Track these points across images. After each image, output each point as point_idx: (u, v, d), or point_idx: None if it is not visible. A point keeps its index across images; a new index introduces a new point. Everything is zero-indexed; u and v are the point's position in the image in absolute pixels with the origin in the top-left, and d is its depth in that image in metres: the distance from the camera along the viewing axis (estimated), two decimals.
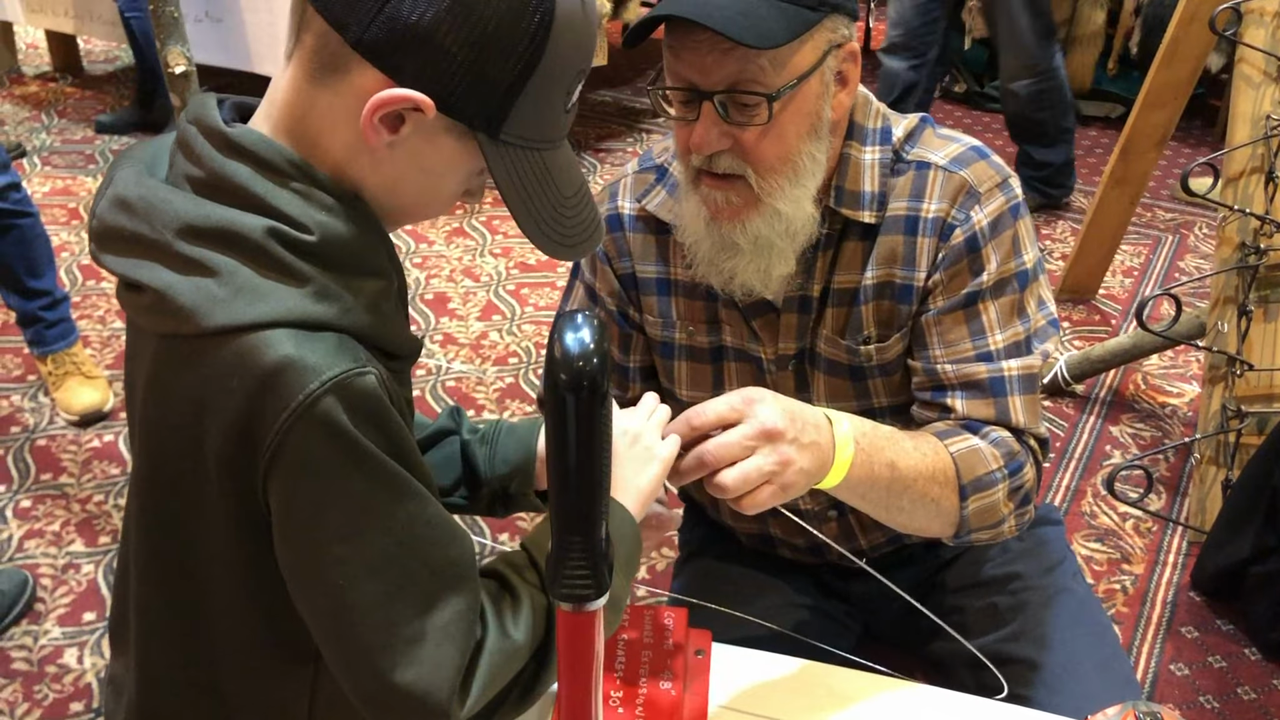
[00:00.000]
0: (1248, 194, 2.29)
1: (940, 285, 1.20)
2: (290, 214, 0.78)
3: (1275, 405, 2.35)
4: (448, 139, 0.81)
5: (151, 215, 0.79)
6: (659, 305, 1.31)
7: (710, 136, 1.10)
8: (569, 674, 0.56)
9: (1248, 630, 2.20)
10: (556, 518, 0.51)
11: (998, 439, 1.19)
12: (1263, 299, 2.31)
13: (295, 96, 0.81)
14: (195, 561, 0.84)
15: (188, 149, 0.81)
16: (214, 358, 0.77)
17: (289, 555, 0.81)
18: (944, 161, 1.20)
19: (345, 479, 0.77)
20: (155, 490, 0.85)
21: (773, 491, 0.99)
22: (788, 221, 1.15)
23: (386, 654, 0.80)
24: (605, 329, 0.48)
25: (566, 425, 0.47)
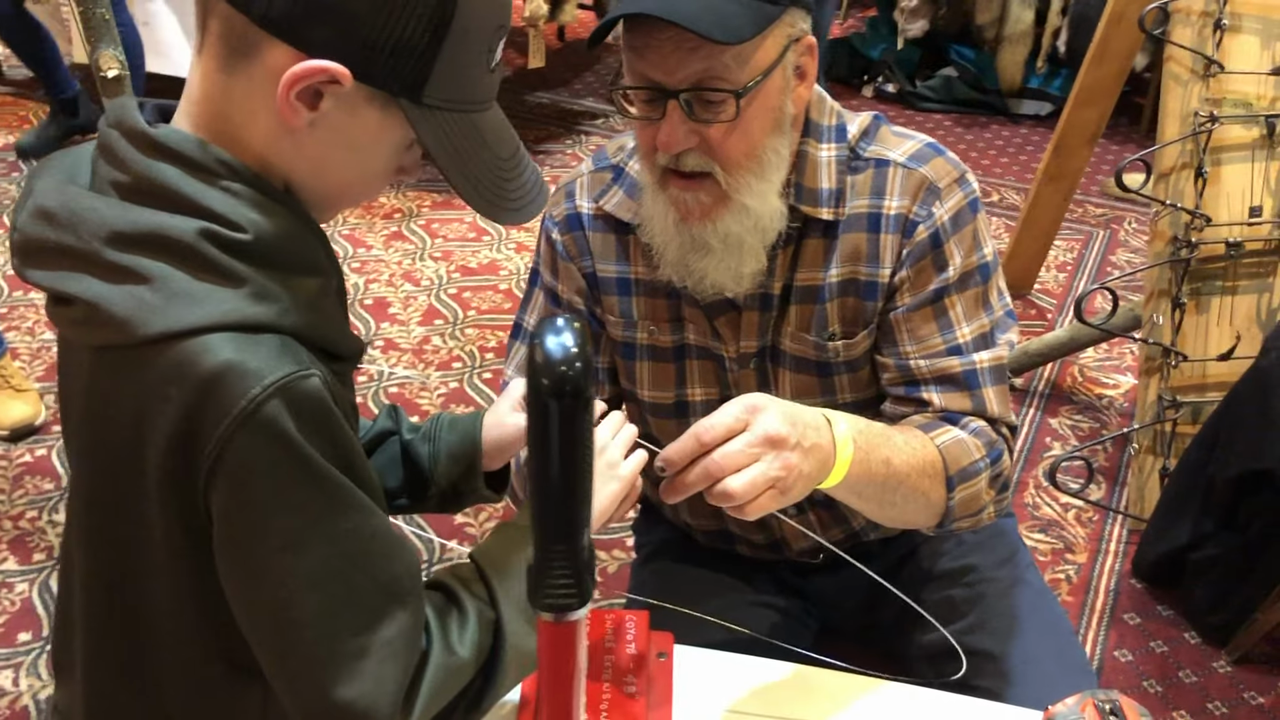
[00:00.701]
0: (1178, 189, 2.34)
1: (907, 282, 1.21)
2: (222, 213, 0.76)
3: (1208, 395, 2.41)
4: (370, 110, 0.79)
5: (77, 225, 0.76)
6: (620, 305, 1.31)
7: (677, 135, 1.09)
8: (551, 685, 0.55)
9: (1187, 615, 2.25)
10: (538, 527, 0.50)
11: (977, 429, 1.21)
12: (1195, 291, 2.36)
13: (210, 89, 0.79)
14: (140, 580, 0.81)
15: (110, 154, 0.79)
16: (151, 367, 0.75)
17: (229, 567, 0.78)
18: (903, 159, 1.21)
19: (288, 488, 0.75)
20: (96, 508, 0.83)
21: (773, 495, 0.99)
22: (756, 217, 1.15)
23: (328, 670, 0.78)
24: (587, 333, 0.48)
25: (549, 432, 0.47)
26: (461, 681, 0.84)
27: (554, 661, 0.54)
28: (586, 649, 0.54)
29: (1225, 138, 2.30)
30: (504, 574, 0.88)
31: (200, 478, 0.75)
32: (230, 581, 0.79)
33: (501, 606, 0.86)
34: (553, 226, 1.32)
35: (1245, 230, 2.32)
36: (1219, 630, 2.17)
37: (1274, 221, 2.33)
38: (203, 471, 0.75)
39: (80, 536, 0.84)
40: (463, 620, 0.85)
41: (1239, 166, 2.32)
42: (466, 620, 0.85)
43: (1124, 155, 4.59)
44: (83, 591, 0.85)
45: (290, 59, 0.75)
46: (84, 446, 0.82)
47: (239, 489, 0.75)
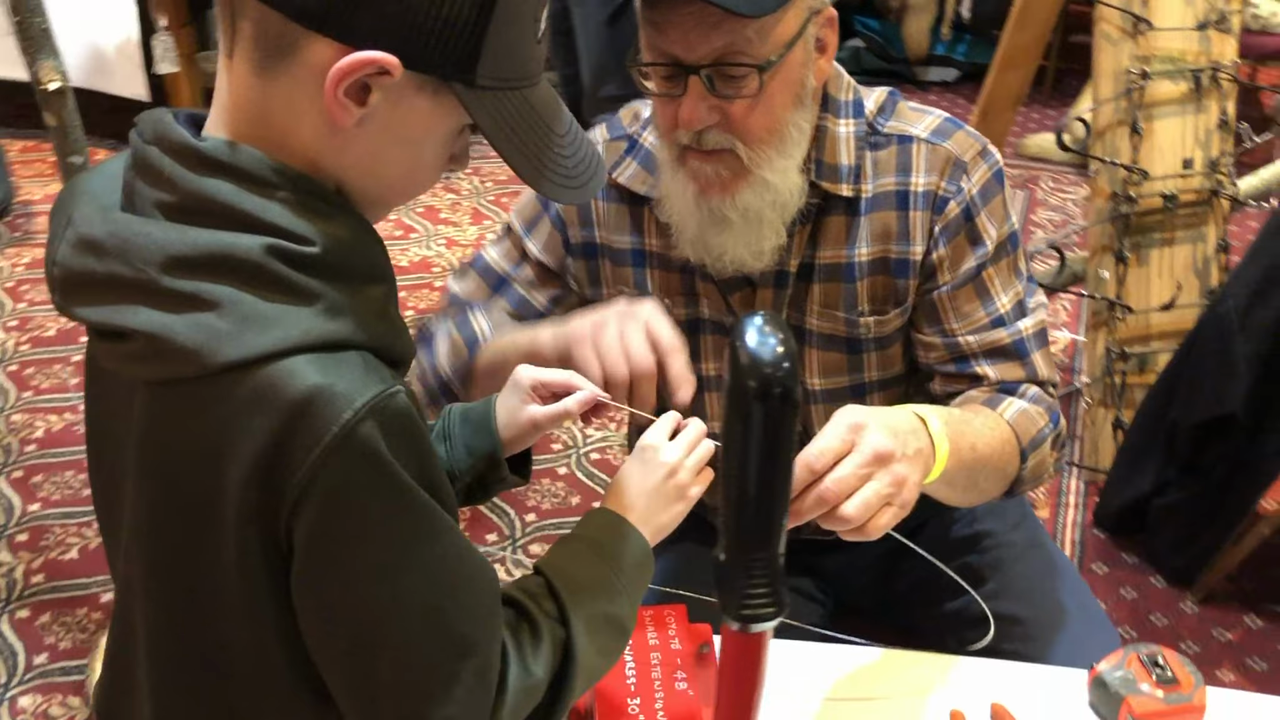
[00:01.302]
0: (1115, 145, 2.39)
1: (945, 260, 1.21)
2: (286, 227, 0.71)
3: (1153, 345, 2.48)
4: (421, 99, 0.74)
5: (128, 252, 0.70)
6: (634, 277, 1.28)
7: (699, 112, 1.07)
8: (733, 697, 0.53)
9: (1152, 560, 2.32)
10: (735, 535, 0.47)
11: (1035, 395, 1.23)
12: (1135, 245, 2.42)
13: (248, 94, 0.73)
14: (217, 622, 0.76)
15: (152, 172, 0.73)
16: (227, 398, 0.69)
17: (313, 598, 0.74)
18: (925, 134, 1.20)
19: (381, 515, 0.72)
20: (162, 551, 0.77)
21: (894, 513, 0.97)
22: (776, 192, 1.14)
23: (420, 699, 0.75)
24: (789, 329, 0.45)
25: (750, 436, 0.44)
26: (535, 700, 0.81)
27: (739, 672, 0.52)
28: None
29: (1156, 94, 2.36)
30: (575, 590, 0.85)
31: (285, 507, 0.70)
32: (312, 613, 0.74)
33: (572, 625, 0.83)
34: None
35: (1179, 183, 2.38)
36: (1184, 573, 2.24)
37: (1205, 173, 2.40)
38: (289, 501, 0.70)
39: (143, 584, 0.79)
40: (536, 639, 0.81)
41: (1170, 121, 2.38)
42: (540, 639, 0.81)
43: (1031, 117, 4.69)
44: (149, 640, 0.80)
45: (334, 53, 0.70)
46: (142, 488, 0.77)
47: (330, 517, 0.70)
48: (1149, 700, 1.06)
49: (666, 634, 1.14)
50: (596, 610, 0.84)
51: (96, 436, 0.85)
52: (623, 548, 0.89)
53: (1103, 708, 1.09)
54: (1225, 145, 2.41)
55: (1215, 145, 2.40)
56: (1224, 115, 2.40)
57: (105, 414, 0.82)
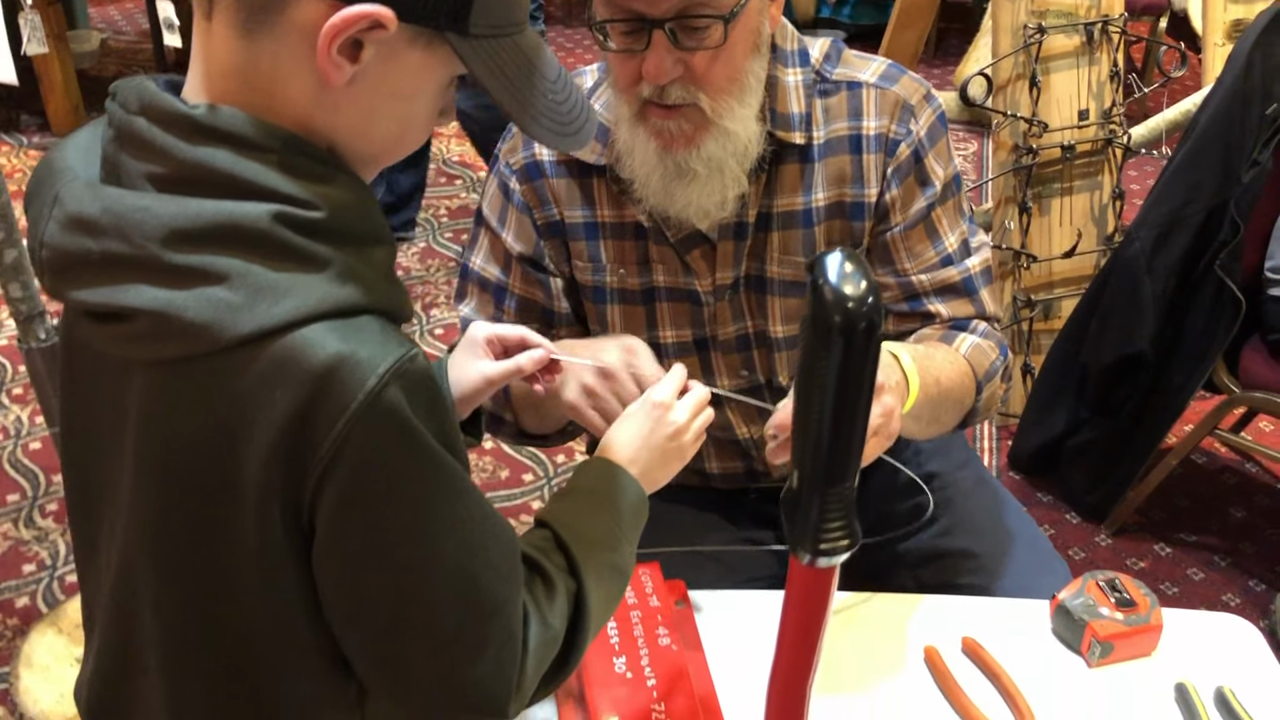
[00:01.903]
0: (1015, 99, 2.46)
1: (897, 201, 1.23)
2: (289, 193, 0.68)
3: (1056, 292, 2.57)
4: (413, 52, 0.73)
5: (126, 228, 0.67)
6: (588, 250, 1.28)
7: (665, 65, 1.07)
8: (799, 631, 0.53)
9: (1065, 498, 2.41)
10: (813, 471, 0.47)
11: (985, 330, 1.27)
12: (1037, 195, 2.50)
13: (230, 58, 0.71)
14: (236, 601, 0.74)
15: (140, 144, 0.69)
16: (244, 372, 0.67)
17: (341, 569, 0.72)
18: (873, 79, 1.22)
19: (408, 480, 0.70)
20: (169, 535, 0.74)
21: (879, 443, 1.01)
22: (737, 141, 1.14)
23: (453, 661, 0.74)
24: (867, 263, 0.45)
25: (830, 371, 0.44)
26: (554, 653, 0.81)
27: (807, 606, 0.52)
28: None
29: (1052, 47, 2.43)
30: (582, 542, 0.85)
31: (311, 479, 0.68)
32: (337, 581, 0.73)
33: (583, 576, 0.83)
34: (510, 175, 1.28)
35: (1076, 133, 2.47)
36: (1097, 508, 2.34)
37: (1099, 123, 2.49)
38: (314, 473, 0.68)
39: (153, 571, 0.75)
40: (551, 592, 0.81)
41: (1066, 74, 2.46)
42: (555, 592, 0.81)
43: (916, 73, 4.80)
44: (162, 627, 0.76)
45: (323, 10, 0.68)
46: (144, 476, 0.73)
47: (359, 484, 0.69)
48: (1110, 623, 1.11)
49: (644, 591, 1.15)
50: (603, 560, 0.85)
51: (76, 427, 0.81)
52: (623, 498, 0.90)
53: (1066, 633, 1.14)
54: (1116, 96, 2.51)
55: (1107, 96, 2.49)
56: (1115, 67, 2.49)
57: (89, 403, 0.78)
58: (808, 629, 0.53)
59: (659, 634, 1.10)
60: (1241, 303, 1.95)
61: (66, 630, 1.95)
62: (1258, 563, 2.25)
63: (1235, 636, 1.16)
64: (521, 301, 1.32)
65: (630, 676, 1.04)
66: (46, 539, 2.26)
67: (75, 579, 2.14)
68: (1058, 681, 1.09)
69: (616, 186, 1.23)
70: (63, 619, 1.98)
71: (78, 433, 0.81)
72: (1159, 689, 1.08)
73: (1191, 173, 1.98)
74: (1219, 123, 1.93)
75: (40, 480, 2.43)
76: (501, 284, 1.32)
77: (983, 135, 4.06)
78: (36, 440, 2.55)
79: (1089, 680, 1.10)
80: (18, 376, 2.78)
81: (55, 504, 2.35)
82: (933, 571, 1.36)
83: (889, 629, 1.16)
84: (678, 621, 1.13)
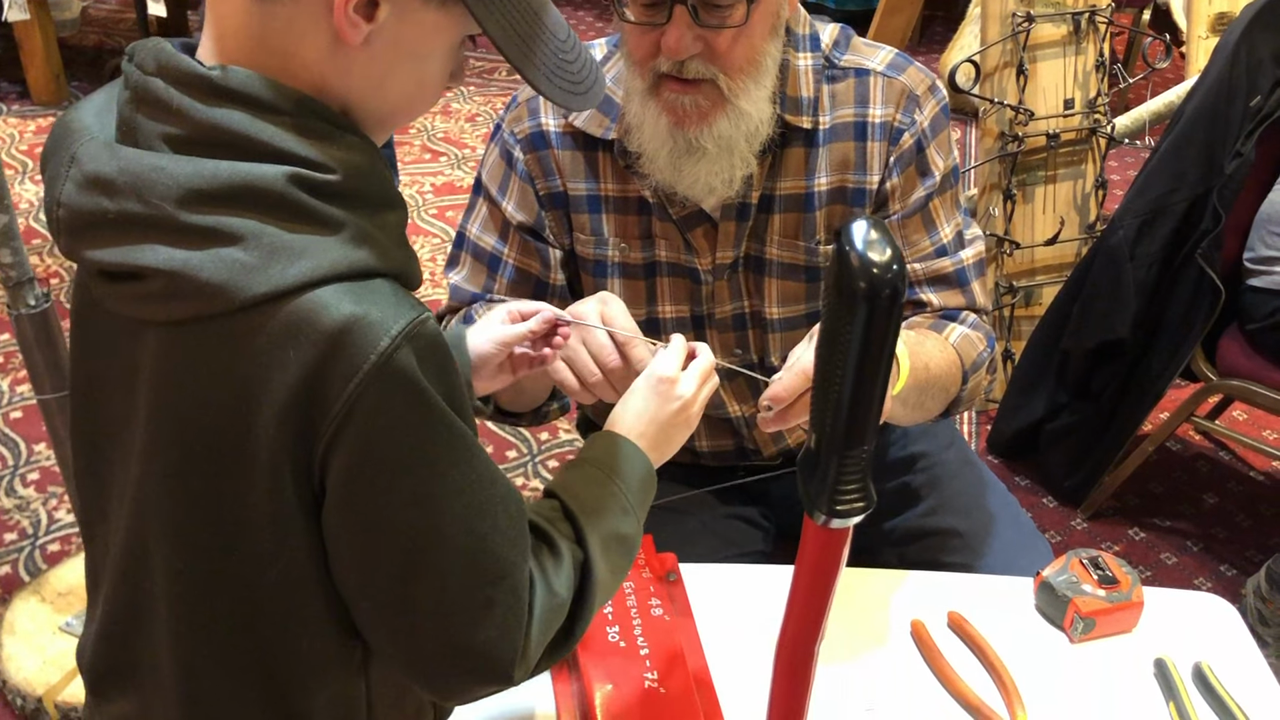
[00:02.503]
0: (1002, 87, 2.48)
1: (897, 189, 1.25)
2: (304, 155, 0.69)
3: (1038, 279, 2.60)
4: (428, 11, 0.73)
5: (141, 189, 0.68)
6: (591, 223, 1.29)
7: (685, 41, 1.08)
8: (810, 590, 0.54)
9: (1043, 482, 2.44)
10: (831, 431, 0.49)
11: (974, 322, 1.29)
12: (1021, 183, 2.53)
13: (245, 20, 0.71)
14: (243, 562, 0.74)
15: (156, 104, 0.70)
16: (258, 332, 0.68)
17: (351, 530, 0.73)
18: (881, 68, 1.24)
19: (418, 441, 0.71)
20: (184, 499, 0.74)
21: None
22: (750, 121, 1.15)
23: (456, 621, 0.75)
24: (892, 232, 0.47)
25: (853, 336, 0.45)
26: (560, 620, 0.82)
27: (820, 566, 0.53)
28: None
29: (1039, 36, 2.45)
30: (589, 512, 0.86)
31: (322, 439, 0.69)
32: (346, 543, 0.74)
33: (589, 545, 0.84)
34: (514, 143, 1.28)
35: (1061, 122, 2.49)
36: (1073, 492, 2.37)
37: (1084, 112, 2.52)
38: (325, 433, 0.69)
39: (164, 533, 0.76)
40: (557, 561, 0.82)
41: (1053, 63, 2.48)
42: (561, 561, 0.82)
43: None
44: (172, 589, 0.77)
45: None
46: (157, 436, 0.74)
47: (370, 445, 0.69)
48: (1093, 600, 1.13)
49: (637, 563, 1.16)
50: (609, 531, 0.86)
51: (86, 388, 0.81)
52: (631, 470, 0.91)
53: (1049, 609, 1.16)
54: (1101, 86, 2.53)
55: (1093, 86, 2.51)
56: (1100, 57, 2.51)
57: (100, 364, 0.78)
58: (819, 589, 0.54)
59: (651, 605, 1.11)
60: (1221, 292, 1.98)
61: (49, 598, 1.95)
62: (1229, 548, 2.29)
63: (1213, 615, 1.19)
64: (516, 271, 1.32)
65: (624, 646, 1.06)
66: (28, 508, 2.25)
67: (57, 548, 2.14)
68: (1041, 656, 1.12)
69: (623, 160, 1.24)
70: (45, 587, 1.97)
71: (88, 394, 0.81)
72: (1139, 664, 1.11)
73: (1176, 162, 2.01)
74: (1204, 114, 1.96)
75: (21, 449, 2.41)
76: (497, 253, 1.32)
77: (967, 122, 4.09)
78: (17, 409, 2.54)
79: (1072, 655, 1.12)
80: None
81: (36, 473, 2.34)
82: (918, 550, 1.38)
83: (877, 603, 1.18)
84: (670, 593, 1.15)
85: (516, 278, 1.33)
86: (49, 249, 3.13)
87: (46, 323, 1.60)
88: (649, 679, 1.02)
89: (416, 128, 3.95)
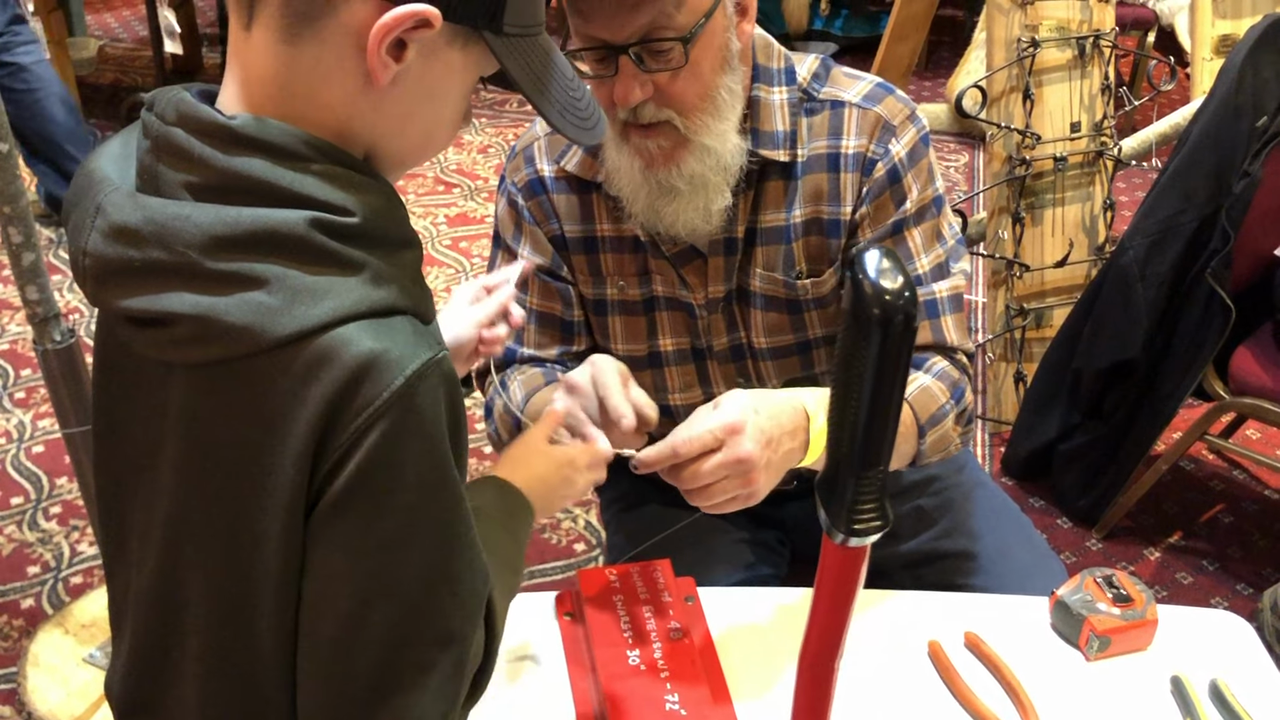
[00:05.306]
0: (1009, 111, 2.51)
1: (867, 218, 1.25)
2: (324, 199, 0.71)
3: (1048, 301, 2.61)
4: (451, 52, 0.76)
5: (166, 237, 0.70)
6: (588, 264, 1.32)
7: (632, 89, 1.11)
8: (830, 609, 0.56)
9: (1057, 503, 2.45)
10: (846, 453, 0.50)
11: (941, 370, 1.27)
12: (1030, 206, 2.55)
13: (272, 64, 0.73)
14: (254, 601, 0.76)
15: (177, 153, 0.72)
16: (283, 372, 0.70)
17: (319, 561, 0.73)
18: (857, 99, 1.25)
19: (414, 480, 0.72)
20: (211, 539, 0.76)
21: (737, 502, 1.09)
22: (717, 156, 1.18)
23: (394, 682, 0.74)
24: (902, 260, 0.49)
25: (868, 361, 0.47)
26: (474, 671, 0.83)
27: (839, 584, 0.55)
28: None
29: (1045, 61, 2.48)
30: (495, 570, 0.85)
31: (324, 467, 0.70)
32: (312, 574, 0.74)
33: (494, 601, 0.84)
34: (516, 192, 1.32)
35: (1068, 145, 2.51)
36: (1087, 512, 2.38)
37: (1090, 135, 2.54)
38: (330, 460, 0.70)
39: (194, 567, 0.77)
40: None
41: (1058, 87, 2.51)
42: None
43: (906, 89, 4.85)
44: (200, 620, 0.78)
45: (372, 11, 0.71)
46: (185, 472, 0.76)
47: (365, 476, 0.70)
48: (1108, 619, 1.14)
49: (656, 587, 1.18)
50: (506, 586, 0.89)
51: (110, 428, 0.82)
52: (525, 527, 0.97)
53: (1064, 628, 1.17)
54: (1107, 109, 2.55)
55: (1099, 109, 2.54)
56: (1106, 80, 2.54)
57: (125, 405, 0.80)
58: (838, 607, 0.56)
59: (671, 627, 1.13)
60: (1231, 310, 2.00)
61: (73, 630, 1.97)
62: (1244, 566, 2.29)
63: (1228, 632, 1.19)
64: (540, 317, 1.36)
65: (644, 669, 1.07)
66: (50, 541, 2.28)
67: (80, 580, 2.16)
68: (1057, 675, 1.12)
69: (612, 201, 1.27)
70: (69, 619, 2.00)
71: (112, 434, 0.83)
72: (1155, 682, 1.12)
73: (1184, 183, 2.03)
74: (1211, 135, 1.98)
75: (44, 483, 2.44)
76: (520, 302, 1.35)
77: (974, 147, 4.11)
78: (40, 444, 2.57)
79: (1087, 673, 1.13)
80: (19, 380, 2.80)
81: (59, 507, 2.37)
82: (933, 572, 1.39)
83: (893, 625, 1.19)
84: (688, 615, 1.16)
85: (541, 323, 1.36)
86: (69, 285, 3.17)
87: (72, 358, 1.63)
88: (670, 701, 1.03)
89: (430, 159, 3.99)
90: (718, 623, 1.17)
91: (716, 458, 1.05)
